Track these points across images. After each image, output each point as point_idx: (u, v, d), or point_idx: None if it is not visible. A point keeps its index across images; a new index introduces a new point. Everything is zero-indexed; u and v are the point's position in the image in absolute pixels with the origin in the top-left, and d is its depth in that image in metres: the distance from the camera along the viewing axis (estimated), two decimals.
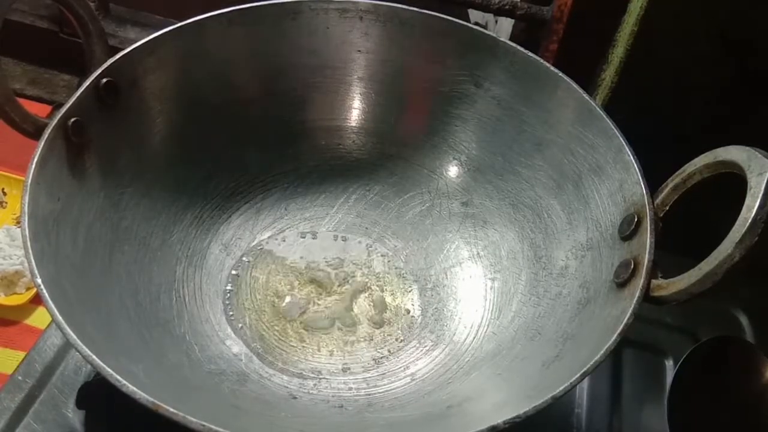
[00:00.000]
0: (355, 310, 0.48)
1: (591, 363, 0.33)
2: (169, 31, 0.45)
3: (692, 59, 0.53)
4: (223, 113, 0.50)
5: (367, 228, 0.53)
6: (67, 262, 0.38)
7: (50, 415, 0.43)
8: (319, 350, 0.46)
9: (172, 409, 0.29)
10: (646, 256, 0.37)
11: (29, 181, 0.37)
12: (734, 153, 0.37)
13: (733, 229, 0.34)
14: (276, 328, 0.46)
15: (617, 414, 0.48)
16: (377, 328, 0.47)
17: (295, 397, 0.42)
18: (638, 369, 0.51)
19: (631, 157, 0.41)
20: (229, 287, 0.48)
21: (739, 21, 0.50)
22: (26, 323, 0.51)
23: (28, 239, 0.35)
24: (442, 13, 0.49)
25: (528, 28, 0.64)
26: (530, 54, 0.47)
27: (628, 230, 0.40)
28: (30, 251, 0.34)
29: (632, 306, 0.36)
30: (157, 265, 0.46)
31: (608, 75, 0.55)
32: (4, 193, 0.60)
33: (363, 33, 0.50)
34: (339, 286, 0.49)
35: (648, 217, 0.39)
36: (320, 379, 0.44)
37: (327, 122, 0.53)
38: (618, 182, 0.42)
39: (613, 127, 0.43)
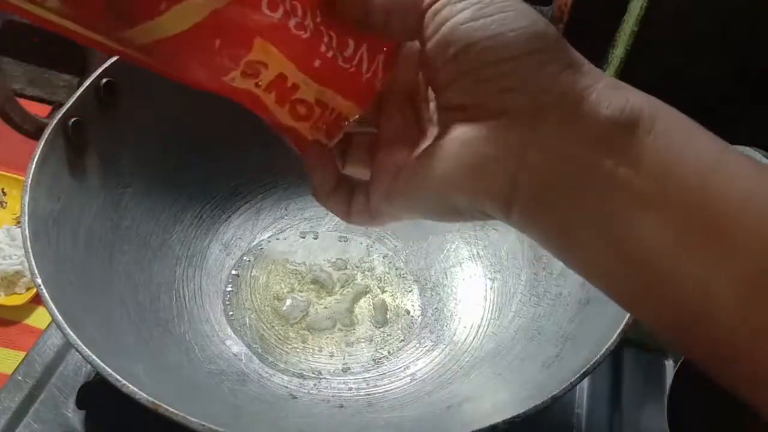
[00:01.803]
0: (356, 310, 0.48)
1: (591, 363, 0.33)
2: None
3: (692, 59, 0.53)
4: (223, 113, 0.49)
5: (367, 228, 0.53)
6: (67, 262, 0.38)
7: (50, 415, 0.43)
8: (320, 351, 0.46)
9: (172, 409, 0.30)
10: None
11: (29, 181, 0.37)
12: None
13: None
14: (276, 328, 0.46)
15: (617, 414, 0.48)
16: (377, 329, 0.47)
17: (295, 397, 0.42)
18: (638, 369, 0.51)
19: None
20: (229, 287, 0.48)
21: (739, 21, 0.50)
22: (26, 323, 0.51)
23: (28, 239, 0.35)
24: None
25: None
26: None
27: None
28: (30, 251, 0.34)
29: None
30: (157, 265, 0.46)
31: (608, 75, 0.55)
32: (4, 193, 0.60)
33: None
34: (341, 287, 0.49)
35: None
36: (320, 379, 0.44)
37: None
38: None
39: None
